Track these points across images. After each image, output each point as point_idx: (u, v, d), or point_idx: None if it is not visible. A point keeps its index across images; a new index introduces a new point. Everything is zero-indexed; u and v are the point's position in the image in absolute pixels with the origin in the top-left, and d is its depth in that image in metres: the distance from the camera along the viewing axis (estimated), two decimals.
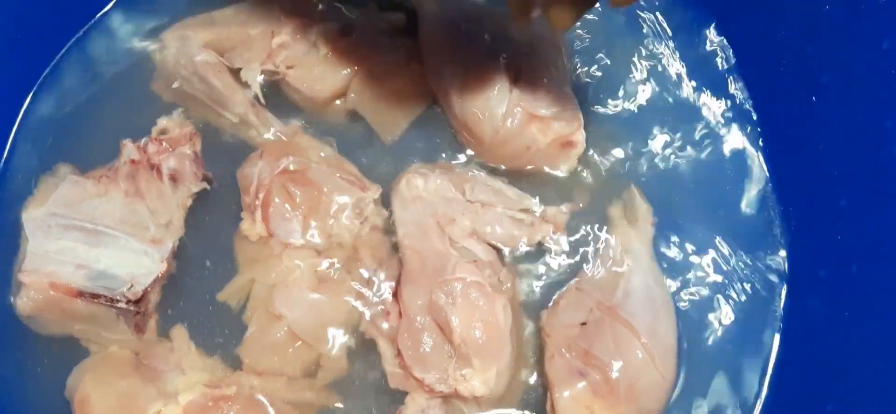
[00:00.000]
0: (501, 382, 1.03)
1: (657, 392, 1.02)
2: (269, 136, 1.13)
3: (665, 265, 1.10)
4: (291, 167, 1.08)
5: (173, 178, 1.07)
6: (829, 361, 1.03)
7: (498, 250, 1.09)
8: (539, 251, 1.11)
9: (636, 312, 1.03)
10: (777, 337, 1.10)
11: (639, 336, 1.01)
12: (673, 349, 1.04)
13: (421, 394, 1.03)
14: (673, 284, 1.09)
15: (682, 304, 1.09)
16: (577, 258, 1.11)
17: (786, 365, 1.09)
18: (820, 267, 1.07)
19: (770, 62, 1.13)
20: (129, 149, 1.06)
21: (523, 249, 1.10)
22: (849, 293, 1.02)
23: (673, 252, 1.12)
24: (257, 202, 1.07)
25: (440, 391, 1.02)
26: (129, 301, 1.02)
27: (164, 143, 1.07)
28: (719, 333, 1.10)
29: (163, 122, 1.12)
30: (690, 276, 1.11)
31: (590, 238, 1.12)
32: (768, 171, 1.15)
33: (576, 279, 1.08)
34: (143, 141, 1.09)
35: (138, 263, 1.03)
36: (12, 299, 1.03)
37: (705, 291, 1.11)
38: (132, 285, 1.02)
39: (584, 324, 1.04)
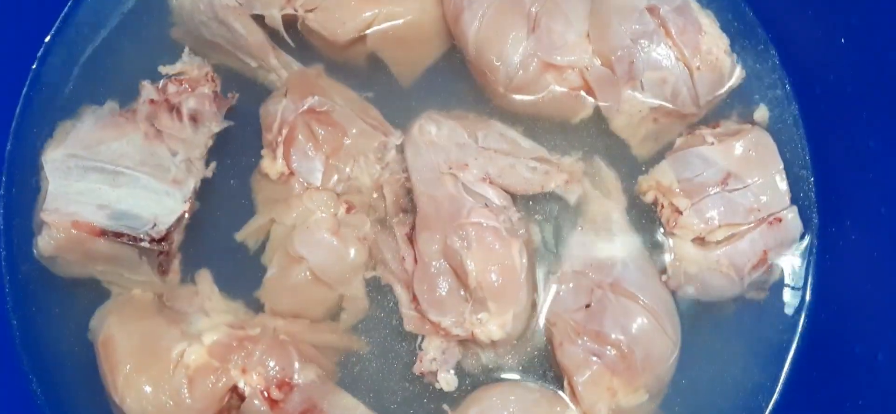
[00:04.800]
0: (518, 325, 1.04)
1: (670, 356, 1.03)
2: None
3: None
4: (316, 107, 1.07)
5: (194, 119, 1.07)
6: (860, 300, 1.03)
7: (512, 196, 1.09)
8: (553, 198, 1.11)
9: (635, 281, 1.04)
10: (809, 279, 1.11)
11: (645, 305, 1.02)
12: (674, 309, 1.05)
13: (437, 337, 1.04)
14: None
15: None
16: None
17: (818, 305, 1.10)
18: (849, 208, 1.07)
19: (797, 3, 1.12)
20: (147, 90, 1.06)
21: (537, 195, 1.10)
22: (878, 234, 1.02)
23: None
24: (279, 139, 1.07)
25: (456, 335, 1.03)
26: (152, 240, 1.02)
27: (184, 84, 1.07)
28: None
29: (180, 64, 1.11)
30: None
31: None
32: (798, 114, 1.14)
33: (569, 262, 1.08)
34: (161, 82, 1.08)
35: (160, 203, 1.03)
36: (34, 243, 1.03)
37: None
38: (155, 224, 1.02)
39: (588, 306, 1.04)
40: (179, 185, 1.05)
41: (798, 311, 1.10)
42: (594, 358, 1.01)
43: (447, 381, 1.04)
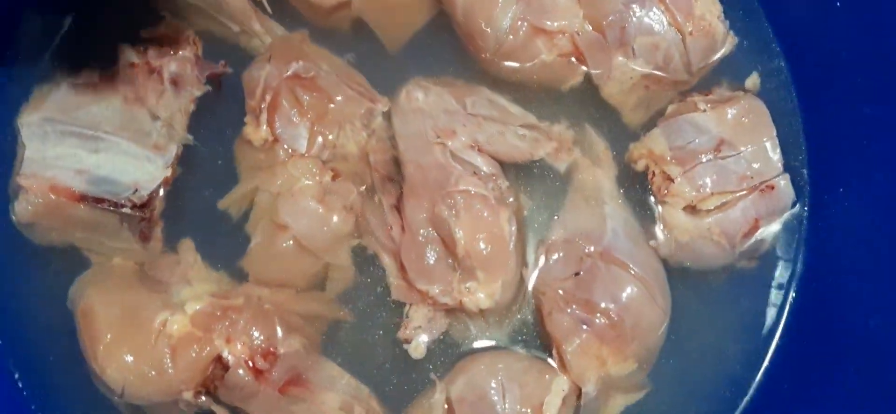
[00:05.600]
0: (506, 294, 1.03)
1: (659, 326, 1.03)
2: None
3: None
4: (301, 73, 1.06)
5: (175, 83, 1.05)
6: (853, 266, 1.03)
7: (501, 164, 1.08)
8: (543, 166, 1.10)
9: (626, 250, 1.03)
10: (801, 246, 1.10)
11: (635, 274, 1.02)
12: (664, 278, 1.05)
13: (424, 306, 1.03)
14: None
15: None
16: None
17: (809, 273, 1.09)
18: (842, 175, 1.07)
19: None
20: (127, 53, 1.04)
21: (527, 163, 1.09)
22: (871, 201, 1.02)
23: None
24: (263, 105, 1.05)
25: (444, 304, 1.02)
26: (134, 206, 1.01)
27: (164, 47, 1.04)
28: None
29: (161, 26, 1.08)
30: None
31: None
32: (790, 80, 1.13)
33: (558, 231, 1.07)
34: (142, 45, 1.06)
35: (141, 169, 1.02)
36: (10, 208, 1.01)
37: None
38: (137, 190, 1.01)
39: (577, 274, 1.03)
40: (161, 150, 1.03)
41: (790, 278, 1.10)
42: (583, 326, 1.01)
43: (417, 347, 1.03)
